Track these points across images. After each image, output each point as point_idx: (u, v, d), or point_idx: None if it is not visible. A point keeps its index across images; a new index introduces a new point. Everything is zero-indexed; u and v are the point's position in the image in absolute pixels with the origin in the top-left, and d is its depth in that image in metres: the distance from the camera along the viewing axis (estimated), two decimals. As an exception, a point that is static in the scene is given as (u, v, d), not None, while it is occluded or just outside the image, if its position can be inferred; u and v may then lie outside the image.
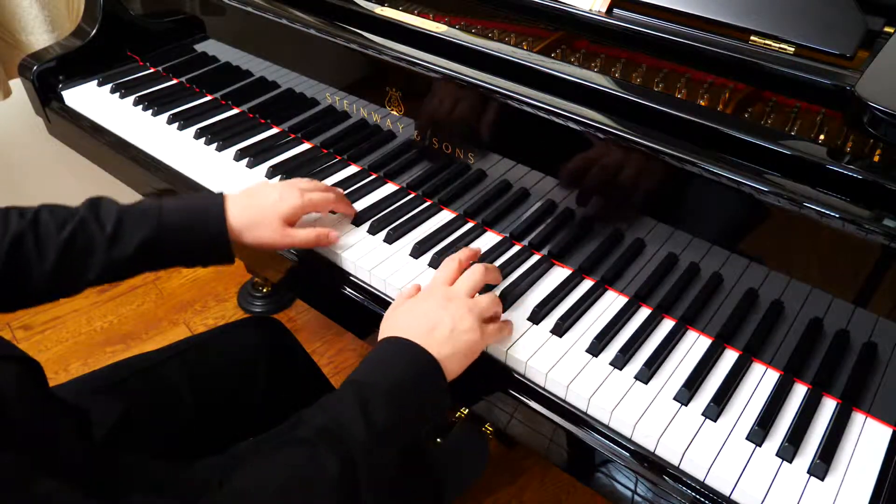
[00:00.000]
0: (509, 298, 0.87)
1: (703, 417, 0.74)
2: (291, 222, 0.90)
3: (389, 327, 0.76)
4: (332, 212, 0.99)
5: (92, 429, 0.79)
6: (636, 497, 0.75)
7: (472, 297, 0.79)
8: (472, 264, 0.84)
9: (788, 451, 0.71)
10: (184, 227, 0.83)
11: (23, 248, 0.77)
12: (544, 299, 0.86)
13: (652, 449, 0.73)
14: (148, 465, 0.76)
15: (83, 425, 0.74)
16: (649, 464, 0.72)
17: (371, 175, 1.09)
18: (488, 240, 0.97)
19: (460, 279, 0.81)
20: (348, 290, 0.93)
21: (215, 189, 1.10)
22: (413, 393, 0.70)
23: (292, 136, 1.19)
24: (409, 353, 0.71)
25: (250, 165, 1.12)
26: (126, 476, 0.71)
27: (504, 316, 0.85)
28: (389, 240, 0.96)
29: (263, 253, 1.02)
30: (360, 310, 0.92)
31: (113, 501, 0.53)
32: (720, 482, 0.69)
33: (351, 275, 0.94)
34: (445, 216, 1.01)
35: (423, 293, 0.80)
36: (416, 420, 0.71)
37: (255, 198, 0.88)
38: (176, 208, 0.83)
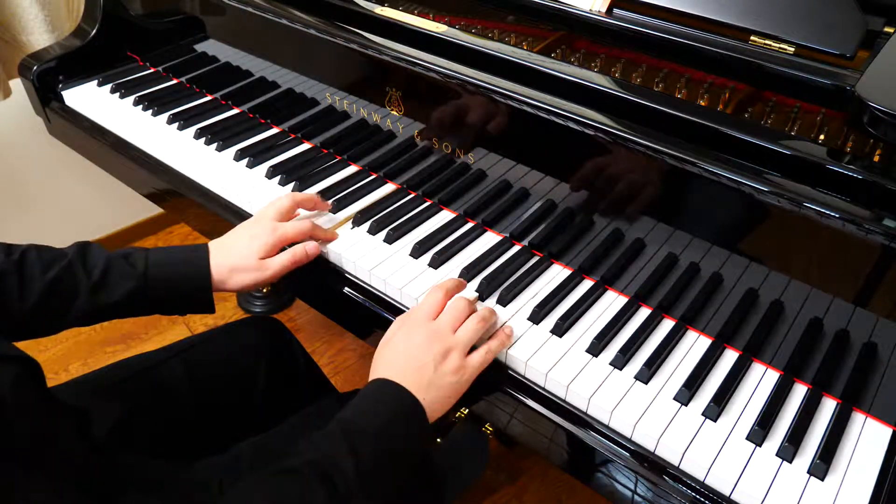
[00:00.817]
0: (509, 298, 0.87)
1: (703, 417, 0.74)
2: (271, 255, 0.89)
3: (381, 366, 0.77)
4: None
5: (92, 429, 0.79)
6: (636, 497, 0.75)
7: (456, 329, 0.79)
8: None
9: (788, 451, 0.71)
10: (169, 282, 0.84)
11: (4, 286, 0.77)
12: (544, 299, 0.86)
13: (652, 449, 0.73)
14: (148, 465, 0.77)
15: (83, 425, 0.74)
16: (649, 464, 0.72)
17: (371, 175, 1.09)
18: (488, 240, 0.97)
19: (443, 313, 0.80)
20: (348, 290, 0.93)
21: (215, 189, 1.11)
22: (398, 436, 0.71)
23: (292, 136, 1.19)
24: (396, 398, 0.73)
25: (250, 165, 1.12)
26: (125, 476, 0.71)
27: (504, 316, 0.85)
28: (389, 240, 0.96)
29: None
30: (360, 310, 0.92)
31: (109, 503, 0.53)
32: (720, 482, 0.69)
33: (351, 275, 0.94)
34: (445, 216, 1.01)
35: (408, 327, 0.80)
36: (400, 460, 0.72)
37: (232, 247, 0.89)
38: (161, 263, 0.85)
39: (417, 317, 0.80)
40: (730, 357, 0.81)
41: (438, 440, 1.46)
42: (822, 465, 0.69)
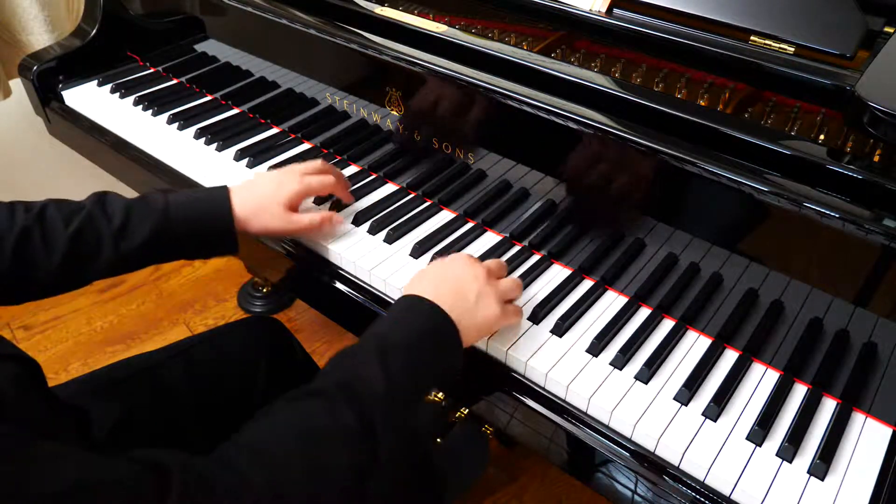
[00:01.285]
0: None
1: (703, 417, 0.74)
2: (294, 207, 0.91)
3: (421, 281, 0.77)
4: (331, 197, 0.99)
5: (92, 428, 0.79)
6: (636, 497, 0.75)
7: (496, 279, 0.80)
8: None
9: (788, 451, 0.71)
10: (190, 219, 0.84)
11: (30, 243, 0.77)
12: (544, 299, 0.86)
13: (652, 449, 0.73)
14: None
15: (82, 425, 0.74)
16: (649, 464, 0.72)
17: (371, 175, 1.09)
18: (488, 240, 0.97)
19: (488, 261, 0.82)
20: (348, 290, 0.93)
21: (215, 189, 1.11)
22: (430, 354, 0.71)
23: (292, 136, 1.19)
24: (432, 315, 0.72)
25: (250, 165, 1.12)
26: None
27: (504, 316, 0.85)
28: (389, 240, 0.96)
29: (264, 252, 1.02)
30: (360, 310, 0.92)
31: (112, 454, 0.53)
32: (720, 482, 0.69)
33: (351, 274, 0.94)
34: (445, 216, 1.01)
35: (454, 258, 0.81)
36: (429, 380, 0.72)
37: (257, 187, 0.90)
38: (181, 201, 0.85)
39: (460, 255, 0.82)
40: (730, 357, 0.81)
41: (438, 440, 1.47)
42: (822, 465, 0.69)
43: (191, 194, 0.87)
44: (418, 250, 0.94)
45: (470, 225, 0.99)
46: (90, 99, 1.32)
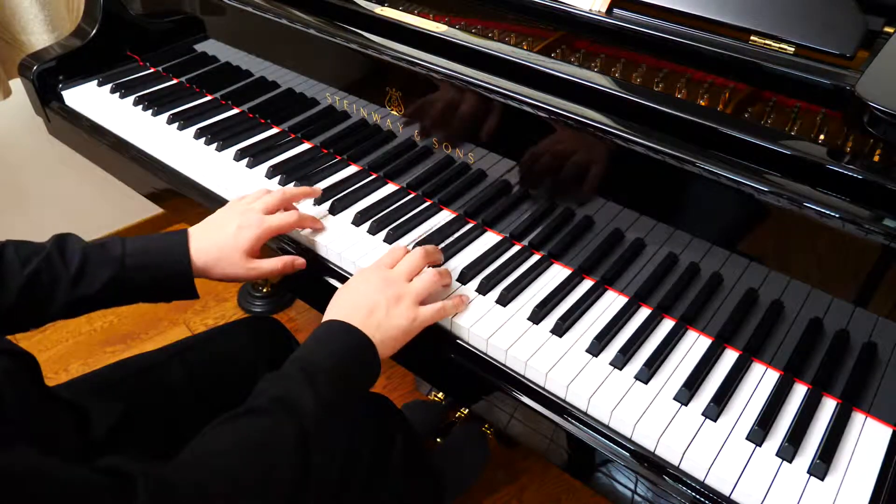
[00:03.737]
0: (509, 298, 0.87)
1: (703, 417, 0.74)
2: (254, 253, 0.90)
3: (335, 308, 0.81)
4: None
5: (91, 428, 0.79)
6: (636, 497, 0.75)
7: (411, 279, 0.83)
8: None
9: (788, 451, 0.71)
10: (147, 268, 0.84)
11: None
12: (544, 299, 0.86)
13: (652, 449, 0.73)
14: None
15: (82, 424, 0.74)
16: (649, 464, 0.72)
17: (371, 175, 1.09)
18: (488, 240, 0.97)
19: (400, 263, 0.85)
20: (348, 290, 0.93)
21: (215, 189, 1.11)
22: (351, 371, 0.75)
23: (292, 136, 1.19)
24: (348, 336, 0.76)
25: (250, 165, 1.12)
26: None
27: (505, 315, 0.85)
28: (389, 240, 0.96)
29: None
30: (360, 310, 0.92)
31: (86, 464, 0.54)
32: (720, 482, 0.69)
33: (351, 274, 0.94)
34: (445, 216, 1.01)
35: (366, 274, 0.84)
36: (353, 393, 0.75)
37: (217, 232, 0.89)
38: (139, 249, 0.84)
39: (374, 265, 0.85)
40: (730, 357, 0.81)
41: (438, 440, 1.47)
42: (822, 465, 0.69)
43: (149, 242, 0.86)
44: (418, 250, 0.94)
45: (470, 225, 0.99)
46: (90, 99, 1.32)
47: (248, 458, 0.63)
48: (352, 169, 1.11)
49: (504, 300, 0.87)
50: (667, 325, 0.85)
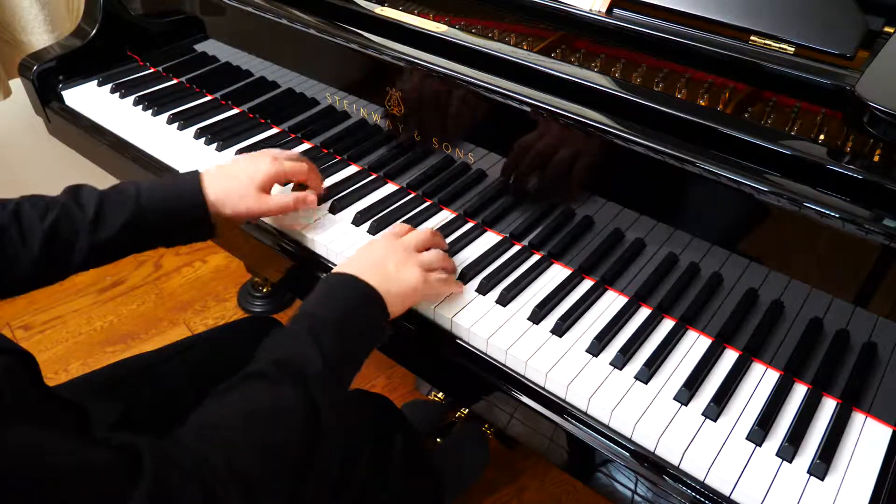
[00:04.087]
0: (509, 298, 0.87)
1: (703, 417, 0.74)
2: (266, 189, 0.91)
3: (341, 266, 0.80)
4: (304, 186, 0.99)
5: (91, 428, 0.78)
6: (636, 497, 0.75)
7: (420, 251, 0.85)
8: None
9: (788, 451, 0.71)
10: (163, 205, 0.85)
11: (6, 239, 0.78)
12: (544, 299, 0.86)
13: (652, 449, 0.73)
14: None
15: (82, 423, 0.74)
16: (649, 464, 0.72)
17: (371, 175, 1.09)
18: (488, 240, 0.97)
19: (409, 234, 0.87)
20: (348, 290, 0.93)
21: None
22: (358, 324, 0.74)
23: (292, 136, 1.19)
24: (355, 287, 0.76)
25: (250, 165, 1.12)
26: None
27: (505, 315, 0.85)
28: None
29: (264, 252, 1.02)
30: (360, 310, 0.92)
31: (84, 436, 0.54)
32: (720, 482, 0.69)
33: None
34: (445, 216, 1.01)
35: (374, 241, 0.85)
36: (362, 348, 0.75)
37: (229, 168, 0.90)
38: (153, 187, 0.85)
39: (384, 233, 0.86)
40: (730, 357, 0.81)
41: (438, 440, 1.47)
42: (822, 465, 0.69)
43: (163, 181, 0.88)
44: (418, 250, 0.94)
45: (470, 225, 0.99)
46: (90, 99, 1.32)
47: (248, 427, 0.62)
48: (352, 169, 1.11)
49: (504, 300, 0.87)
50: (667, 325, 0.85)
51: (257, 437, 0.62)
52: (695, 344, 0.83)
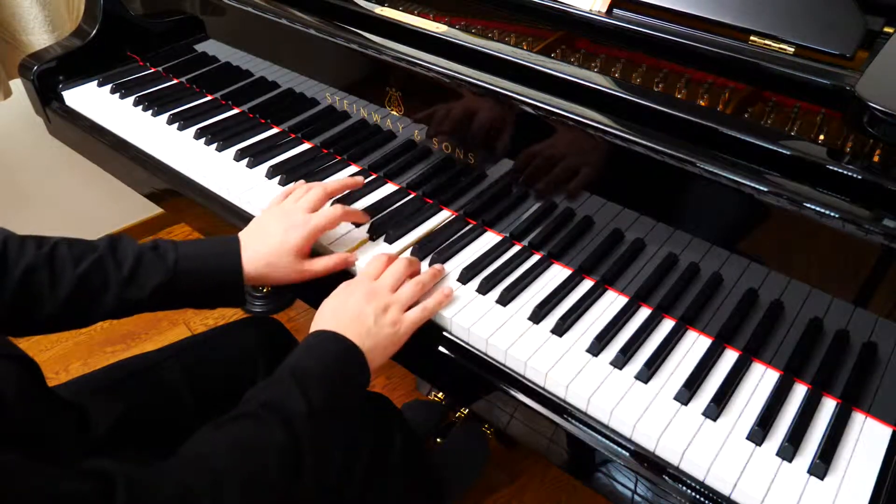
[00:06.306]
0: (509, 298, 0.87)
1: (703, 417, 0.74)
2: (304, 253, 0.89)
3: (321, 319, 0.80)
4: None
5: (91, 428, 0.79)
6: (636, 497, 0.75)
7: (396, 290, 0.84)
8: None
9: (788, 450, 0.71)
10: (199, 276, 0.84)
11: (36, 280, 0.77)
12: (544, 299, 0.86)
13: (652, 449, 0.73)
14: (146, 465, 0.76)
15: (82, 423, 0.75)
16: (649, 464, 0.72)
17: (371, 175, 1.09)
18: (488, 240, 0.97)
19: (384, 274, 0.85)
20: (348, 290, 0.93)
21: (215, 189, 1.11)
22: (341, 377, 0.75)
23: (292, 136, 1.19)
24: (337, 344, 0.76)
25: (250, 165, 1.12)
26: None
27: (505, 315, 0.85)
28: (390, 240, 0.96)
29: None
30: (360, 310, 0.92)
31: (68, 464, 0.55)
32: (720, 482, 0.69)
33: (352, 275, 0.94)
34: (445, 216, 1.01)
35: (351, 287, 0.84)
36: (346, 400, 0.75)
37: (264, 239, 0.87)
38: (192, 256, 0.83)
39: (359, 277, 0.85)
40: (730, 357, 0.81)
41: (438, 440, 1.47)
42: (821, 465, 0.69)
43: (202, 249, 0.85)
44: (419, 251, 0.94)
45: (470, 225, 0.99)
46: (90, 99, 1.32)
47: (234, 460, 0.63)
48: (352, 169, 1.11)
49: (504, 300, 0.87)
50: (667, 325, 0.85)
51: (242, 471, 0.63)
52: (695, 344, 0.83)
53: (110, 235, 0.84)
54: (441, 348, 0.85)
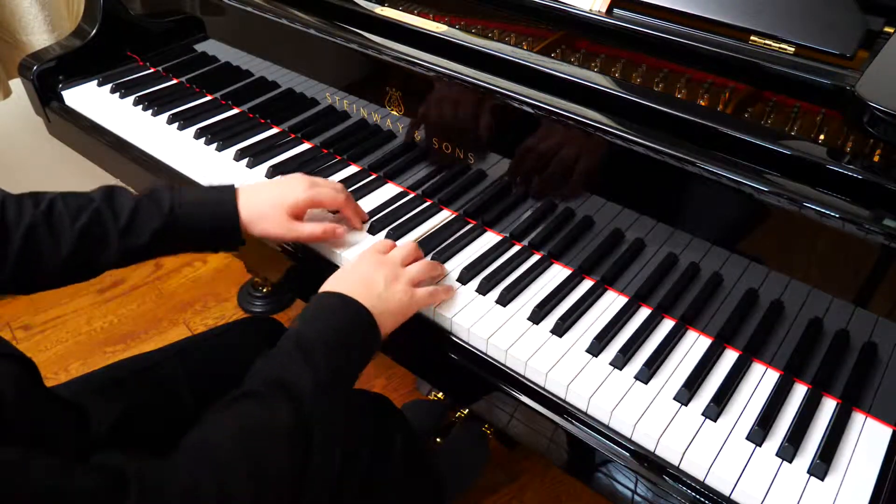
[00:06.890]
0: (509, 298, 0.87)
1: (703, 417, 0.74)
2: (298, 216, 0.91)
3: (329, 283, 0.80)
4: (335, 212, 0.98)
5: (91, 428, 0.79)
6: (636, 497, 0.75)
7: (405, 265, 0.85)
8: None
9: (788, 451, 0.71)
10: (196, 221, 0.85)
11: (37, 238, 0.79)
12: (544, 299, 0.86)
13: (652, 449, 0.73)
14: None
15: (82, 424, 0.74)
16: (649, 464, 0.72)
17: (371, 175, 1.09)
18: (488, 240, 0.97)
19: (394, 249, 0.87)
20: (348, 290, 0.93)
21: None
22: (349, 343, 0.74)
23: (292, 136, 1.19)
24: (346, 306, 0.76)
25: (250, 165, 1.12)
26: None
27: (505, 315, 0.85)
28: (390, 239, 0.96)
29: (264, 252, 1.02)
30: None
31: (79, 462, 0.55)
32: (720, 482, 0.69)
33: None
34: (445, 216, 1.01)
35: (363, 256, 0.85)
36: (353, 366, 0.75)
37: (264, 190, 0.90)
38: (188, 202, 0.85)
39: (368, 250, 0.86)
40: (730, 357, 0.81)
41: (438, 440, 1.47)
42: (822, 465, 0.69)
43: (198, 195, 0.88)
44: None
45: (470, 225, 0.99)
46: (90, 99, 1.32)
47: (243, 447, 0.62)
48: (352, 169, 1.11)
49: (504, 300, 0.87)
50: (667, 325, 0.85)
51: (250, 457, 0.62)
52: (695, 344, 0.83)
53: (105, 186, 0.86)
54: (441, 348, 0.85)
